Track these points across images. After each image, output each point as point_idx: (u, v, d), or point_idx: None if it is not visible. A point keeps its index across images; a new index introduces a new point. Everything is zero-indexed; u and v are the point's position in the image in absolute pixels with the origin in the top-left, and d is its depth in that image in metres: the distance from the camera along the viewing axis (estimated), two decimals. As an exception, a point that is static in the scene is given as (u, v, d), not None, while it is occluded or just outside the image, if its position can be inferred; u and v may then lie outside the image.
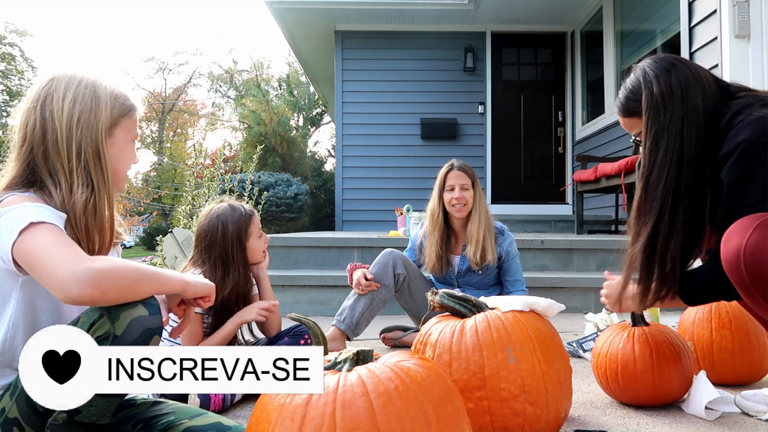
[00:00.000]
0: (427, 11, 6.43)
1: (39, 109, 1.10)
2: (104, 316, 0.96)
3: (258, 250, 1.91)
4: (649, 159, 1.44)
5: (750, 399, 1.58)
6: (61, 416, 0.97)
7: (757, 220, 1.20)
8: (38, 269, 0.95)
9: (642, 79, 1.48)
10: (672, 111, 1.41)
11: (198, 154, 14.00)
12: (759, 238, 1.17)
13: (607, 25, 5.86)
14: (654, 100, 1.43)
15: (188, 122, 28.15)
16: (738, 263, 1.19)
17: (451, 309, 1.43)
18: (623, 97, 1.54)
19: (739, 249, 1.19)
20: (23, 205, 1.00)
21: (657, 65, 1.47)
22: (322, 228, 12.12)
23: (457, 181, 2.53)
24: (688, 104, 1.40)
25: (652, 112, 1.43)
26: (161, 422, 1.13)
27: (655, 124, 1.43)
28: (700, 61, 3.27)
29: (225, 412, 1.67)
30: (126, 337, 0.95)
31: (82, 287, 0.91)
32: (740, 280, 1.21)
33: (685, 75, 1.44)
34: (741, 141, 1.27)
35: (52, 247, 0.95)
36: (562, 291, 3.49)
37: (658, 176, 1.41)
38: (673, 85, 1.42)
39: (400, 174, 6.74)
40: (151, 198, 23.82)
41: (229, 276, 1.83)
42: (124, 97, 1.19)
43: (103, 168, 1.13)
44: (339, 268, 3.91)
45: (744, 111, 1.34)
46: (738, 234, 1.21)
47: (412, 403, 0.88)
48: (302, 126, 21.26)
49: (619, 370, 1.61)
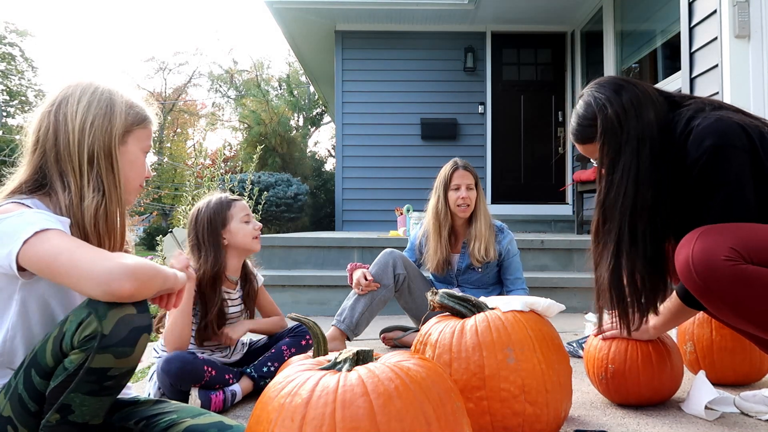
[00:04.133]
0: (427, 11, 6.43)
1: (53, 114, 1.11)
2: (92, 314, 0.95)
3: (242, 232, 1.89)
4: (606, 180, 1.44)
5: (749, 399, 1.58)
6: (54, 417, 0.96)
7: (698, 232, 1.26)
8: (65, 272, 0.94)
9: (594, 104, 1.47)
10: (628, 130, 1.41)
11: (198, 154, 14.01)
12: (703, 245, 1.23)
13: (607, 25, 5.86)
14: (609, 122, 1.43)
15: (188, 122, 28.14)
16: (690, 272, 1.24)
17: (451, 309, 1.43)
18: (576, 124, 1.53)
19: (688, 258, 1.24)
20: (20, 213, 0.99)
21: (605, 88, 1.47)
22: (322, 228, 12.12)
23: (463, 181, 2.54)
24: (642, 122, 1.41)
25: (608, 135, 1.43)
26: (163, 420, 1.14)
27: (612, 145, 1.43)
28: (700, 62, 3.27)
29: (225, 412, 1.68)
30: (114, 336, 0.94)
31: (121, 282, 0.92)
32: (696, 287, 1.25)
33: (634, 93, 1.44)
34: (708, 146, 1.30)
35: (74, 250, 0.95)
36: (562, 291, 3.49)
37: (615, 197, 1.42)
38: (626, 105, 1.42)
39: (400, 174, 6.74)
40: (151, 198, 23.81)
41: (200, 258, 1.85)
42: (139, 107, 1.20)
43: (115, 174, 1.13)
44: (339, 268, 3.91)
45: (698, 115, 1.37)
46: (685, 246, 1.27)
47: (412, 403, 0.88)
48: (302, 126, 21.25)
49: (612, 370, 1.62)
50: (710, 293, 1.23)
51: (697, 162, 1.32)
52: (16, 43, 21.28)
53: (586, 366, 1.73)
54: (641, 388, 1.60)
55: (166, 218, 21.77)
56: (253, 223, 1.92)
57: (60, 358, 0.97)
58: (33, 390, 0.98)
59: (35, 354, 0.99)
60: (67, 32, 52.38)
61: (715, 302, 1.24)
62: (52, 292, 1.08)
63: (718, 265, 1.20)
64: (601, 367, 1.64)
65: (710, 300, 1.24)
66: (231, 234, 1.87)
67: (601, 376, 1.64)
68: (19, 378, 0.99)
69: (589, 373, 1.73)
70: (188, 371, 1.65)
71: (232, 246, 1.89)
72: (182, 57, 38.95)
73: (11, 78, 21.25)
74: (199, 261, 1.84)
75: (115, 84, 1.18)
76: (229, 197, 1.93)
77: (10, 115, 21.39)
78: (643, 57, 5.17)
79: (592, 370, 1.70)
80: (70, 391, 0.95)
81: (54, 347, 0.97)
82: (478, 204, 2.56)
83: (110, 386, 0.98)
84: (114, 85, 1.17)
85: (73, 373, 0.94)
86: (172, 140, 27.52)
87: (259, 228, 1.93)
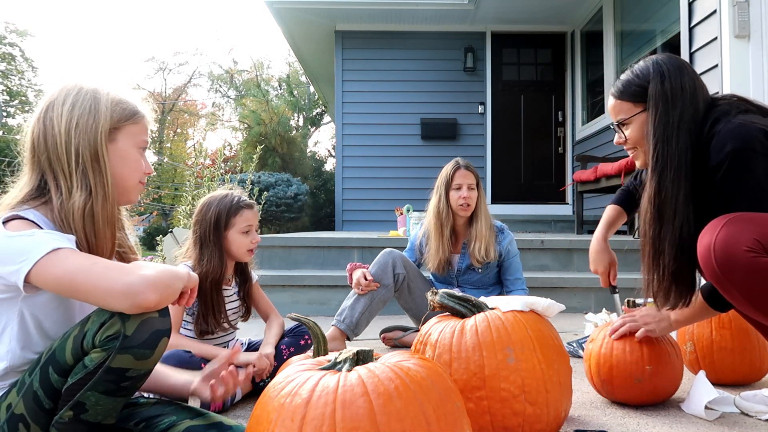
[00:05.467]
0: (427, 11, 6.43)
1: (42, 120, 1.13)
2: (115, 315, 0.97)
3: (237, 243, 1.87)
4: (661, 152, 1.41)
5: (750, 399, 1.58)
6: (68, 414, 0.97)
7: (726, 218, 1.25)
8: (86, 290, 0.96)
9: (653, 69, 1.47)
10: (681, 110, 1.41)
11: (198, 154, 14.01)
12: (727, 233, 1.21)
13: (607, 25, 5.86)
14: (664, 93, 1.43)
15: (188, 122, 28.14)
16: (710, 258, 1.23)
17: (451, 309, 1.43)
18: (626, 78, 1.52)
19: (710, 245, 1.23)
20: (31, 233, 1.00)
21: (670, 61, 1.47)
22: (322, 228, 12.12)
23: (464, 181, 2.54)
24: (694, 107, 1.41)
25: (661, 104, 1.42)
26: (163, 421, 1.14)
27: (665, 117, 1.42)
28: (700, 62, 3.27)
29: (225, 413, 1.67)
30: (136, 338, 0.96)
31: (146, 294, 0.95)
32: (714, 275, 1.24)
33: (693, 78, 1.44)
34: (729, 151, 1.30)
35: (91, 267, 0.97)
36: (562, 291, 3.49)
37: (673, 176, 1.39)
38: (684, 85, 1.42)
39: (400, 174, 6.74)
40: (151, 198, 23.81)
41: (204, 257, 1.84)
42: (127, 103, 1.19)
43: (102, 172, 1.12)
44: (339, 268, 3.91)
45: (722, 119, 1.37)
46: (709, 232, 1.25)
47: (412, 403, 0.88)
48: (302, 126, 21.25)
49: (598, 367, 1.63)
50: (727, 282, 1.22)
51: (719, 166, 1.32)
52: (16, 43, 21.29)
53: (589, 368, 1.70)
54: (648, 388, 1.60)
55: (166, 218, 21.76)
56: (251, 236, 1.90)
57: (80, 356, 0.98)
58: (50, 387, 0.99)
59: (53, 352, 1.00)
60: (67, 32, 52.40)
61: (730, 291, 1.23)
62: (53, 305, 1.09)
63: (739, 255, 1.18)
64: (635, 369, 1.59)
65: (726, 289, 1.24)
66: (227, 240, 1.87)
67: (638, 379, 1.59)
68: (35, 375, 1.00)
69: (592, 376, 1.69)
70: (184, 369, 1.64)
71: (226, 249, 1.89)
72: (182, 57, 38.95)
73: (11, 78, 21.26)
74: (203, 258, 1.83)
75: (102, 83, 1.18)
76: (241, 202, 1.90)
77: (10, 115, 21.40)
78: (643, 57, 5.16)
79: (593, 370, 1.68)
80: (87, 389, 0.96)
81: (75, 345, 0.98)
82: (479, 204, 2.56)
83: (127, 387, 0.99)
84: (99, 85, 1.17)
85: (92, 372, 0.96)
86: (172, 140, 27.51)
87: (256, 242, 1.91)
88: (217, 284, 1.85)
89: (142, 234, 17.56)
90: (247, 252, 1.90)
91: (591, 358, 1.69)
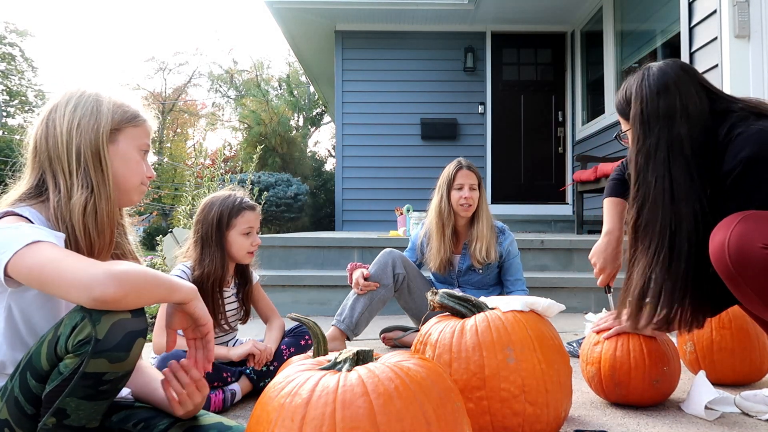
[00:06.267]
0: (427, 11, 6.43)
1: (45, 122, 1.15)
2: (85, 318, 0.94)
3: (238, 245, 1.87)
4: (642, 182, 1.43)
5: (750, 399, 1.58)
6: (51, 420, 0.95)
7: (740, 215, 1.23)
8: (52, 281, 0.94)
9: (635, 90, 1.48)
10: (658, 136, 1.41)
11: (198, 154, 14.01)
12: (742, 230, 1.20)
13: (607, 25, 5.86)
14: (641, 117, 1.45)
15: (188, 122, 28.15)
16: (723, 255, 1.22)
17: (451, 309, 1.43)
18: (620, 95, 1.57)
19: (724, 241, 1.22)
20: (17, 226, 1.00)
21: (656, 79, 1.45)
22: (322, 228, 12.12)
23: (466, 181, 2.54)
24: (671, 133, 1.40)
25: (638, 127, 1.45)
26: (162, 422, 1.14)
27: (643, 141, 1.44)
28: (700, 62, 3.27)
29: (225, 412, 1.68)
30: (108, 341, 0.93)
31: (104, 287, 0.91)
32: (727, 272, 1.23)
33: (673, 103, 1.42)
34: (743, 158, 1.28)
35: (62, 259, 0.95)
36: (562, 291, 3.49)
37: (652, 211, 1.40)
38: (661, 110, 1.42)
39: (400, 174, 6.75)
40: (151, 198, 23.81)
41: (205, 257, 1.83)
42: (129, 106, 1.20)
43: (103, 171, 1.14)
44: (339, 268, 3.91)
45: (740, 124, 1.35)
46: (723, 228, 1.24)
47: (412, 403, 0.88)
48: (302, 126, 21.25)
49: (612, 370, 1.61)
50: (740, 279, 1.21)
51: (731, 172, 1.31)
52: (16, 43, 21.29)
53: (598, 371, 1.65)
54: (645, 388, 1.59)
55: (166, 218, 21.75)
56: (252, 238, 1.90)
57: (55, 362, 0.96)
58: (29, 393, 0.97)
59: (30, 357, 0.99)
60: (67, 32, 52.40)
61: (742, 288, 1.22)
62: (40, 302, 1.09)
63: (755, 252, 1.18)
64: (654, 371, 1.57)
65: (738, 286, 1.23)
66: (228, 242, 1.87)
67: (656, 380, 1.57)
68: (15, 381, 0.99)
69: (602, 378, 1.64)
70: None
71: (226, 250, 1.88)
72: (182, 57, 38.96)
73: (11, 78, 21.26)
74: (204, 258, 1.83)
75: (104, 87, 1.20)
76: (244, 203, 1.90)
77: (10, 115, 21.41)
78: (643, 57, 5.17)
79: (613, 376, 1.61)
80: (66, 395, 0.94)
81: (49, 351, 0.96)
82: (480, 205, 2.56)
83: (106, 390, 0.97)
84: (102, 88, 1.20)
85: (68, 378, 0.94)
86: (172, 140, 27.52)
87: (256, 244, 1.91)
88: (218, 285, 1.85)
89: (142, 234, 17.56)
90: (247, 254, 1.90)
91: (602, 361, 1.64)
